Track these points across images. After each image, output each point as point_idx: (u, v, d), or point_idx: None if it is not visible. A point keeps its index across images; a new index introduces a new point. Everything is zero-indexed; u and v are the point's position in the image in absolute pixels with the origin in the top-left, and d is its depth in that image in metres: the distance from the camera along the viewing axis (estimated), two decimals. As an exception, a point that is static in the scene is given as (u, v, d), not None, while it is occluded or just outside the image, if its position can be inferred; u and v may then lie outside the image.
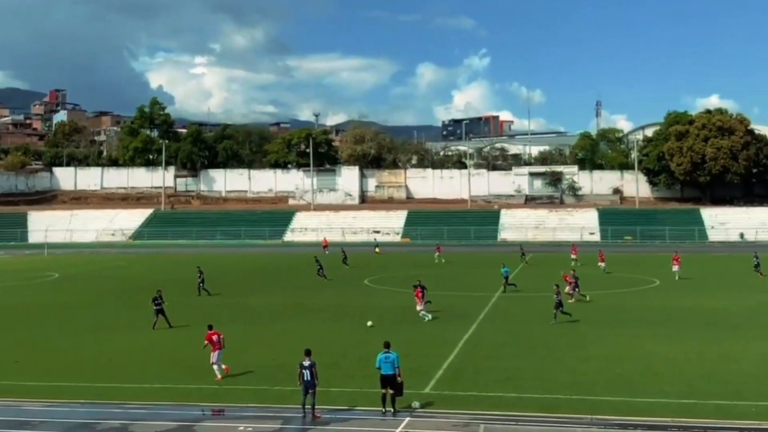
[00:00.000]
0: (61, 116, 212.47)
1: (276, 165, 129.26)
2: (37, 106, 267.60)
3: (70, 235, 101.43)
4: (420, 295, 35.46)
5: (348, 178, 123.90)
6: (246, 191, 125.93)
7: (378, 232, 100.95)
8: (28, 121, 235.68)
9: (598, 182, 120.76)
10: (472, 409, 19.99)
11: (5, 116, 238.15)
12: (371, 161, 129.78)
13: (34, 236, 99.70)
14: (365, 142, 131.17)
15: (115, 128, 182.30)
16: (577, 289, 40.79)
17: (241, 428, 18.76)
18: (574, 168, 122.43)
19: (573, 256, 62.98)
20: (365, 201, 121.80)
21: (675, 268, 51.60)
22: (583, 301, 39.94)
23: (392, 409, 19.70)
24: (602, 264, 57.37)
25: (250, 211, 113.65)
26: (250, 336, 31.77)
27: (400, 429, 18.46)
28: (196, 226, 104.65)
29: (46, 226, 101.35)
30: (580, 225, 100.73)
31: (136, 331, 33.21)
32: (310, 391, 19.66)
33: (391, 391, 19.77)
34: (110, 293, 47.46)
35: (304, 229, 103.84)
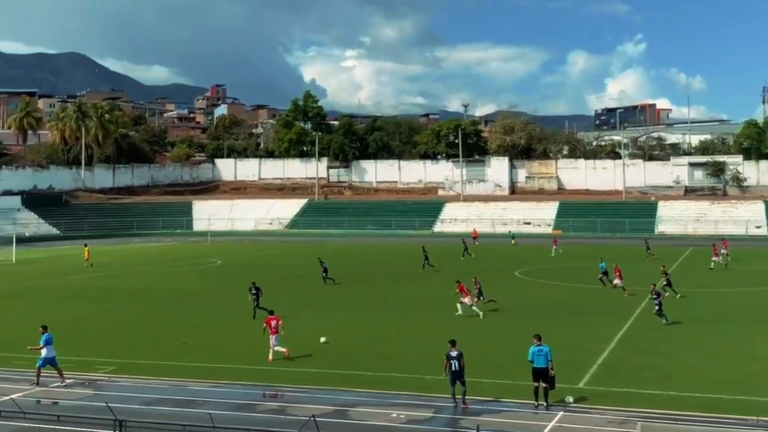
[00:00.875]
0: (221, 110, 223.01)
1: (425, 156, 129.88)
2: (200, 101, 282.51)
3: (231, 223, 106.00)
4: (465, 289, 34.23)
5: (497, 168, 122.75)
6: (396, 182, 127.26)
7: (528, 223, 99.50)
8: (191, 115, 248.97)
9: (765, 173, 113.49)
10: (628, 406, 19.49)
11: (171, 111, 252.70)
12: (521, 152, 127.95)
13: (198, 224, 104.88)
14: (515, 133, 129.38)
15: (271, 121, 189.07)
16: (669, 285, 38.77)
17: (394, 415, 19.09)
18: (739, 158, 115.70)
19: (724, 251, 59.63)
20: (515, 192, 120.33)
21: None
22: (674, 298, 37.53)
23: (545, 403, 19.48)
24: (715, 258, 53.70)
25: (400, 202, 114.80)
26: (403, 325, 32.24)
27: (553, 423, 18.23)
28: (348, 216, 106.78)
29: (209, 214, 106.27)
30: (745, 218, 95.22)
31: (292, 317, 34.41)
32: (459, 381, 19.79)
33: (543, 385, 19.56)
34: (269, 279, 49.22)
35: (454, 219, 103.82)
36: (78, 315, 35.96)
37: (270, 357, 25.29)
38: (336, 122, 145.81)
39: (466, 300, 33.80)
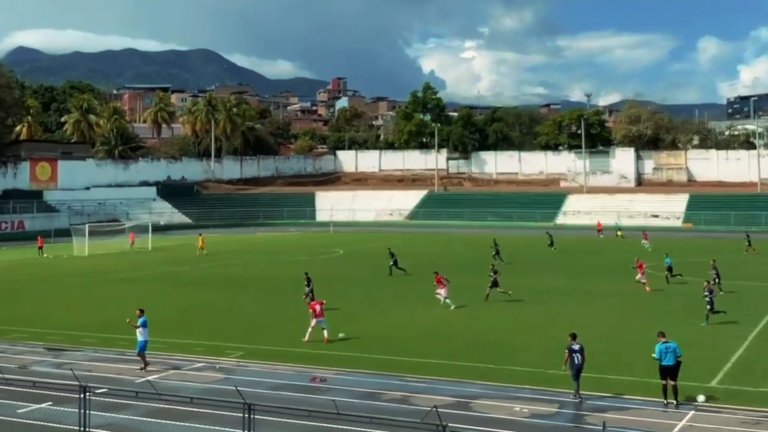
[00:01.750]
0: (342, 102, 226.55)
1: (546, 147, 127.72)
2: (322, 94, 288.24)
3: (353, 214, 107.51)
4: (441, 280, 34.05)
5: (622, 159, 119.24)
6: (516, 173, 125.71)
7: (656, 216, 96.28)
8: (314, 108, 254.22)
9: None
10: (763, 407, 18.64)
11: (294, 104, 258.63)
12: (647, 142, 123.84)
13: (321, 215, 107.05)
14: (641, 122, 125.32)
15: (390, 113, 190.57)
16: (717, 280, 36.91)
17: (517, 409, 18.95)
18: None
19: None
20: (641, 184, 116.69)
21: None
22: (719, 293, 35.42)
23: (674, 401, 18.86)
24: None
25: (521, 193, 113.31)
26: (523, 317, 31.90)
27: (683, 422, 17.64)
28: (468, 208, 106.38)
29: (331, 205, 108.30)
30: None
31: (413, 307, 34.65)
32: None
33: (672, 383, 18.94)
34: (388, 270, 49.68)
35: (577, 212, 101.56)
36: (207, 300, 37.42)
37: (306, 338, 26.80)
38: (455, 114, 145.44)
39: (441, 291, 33.86)
